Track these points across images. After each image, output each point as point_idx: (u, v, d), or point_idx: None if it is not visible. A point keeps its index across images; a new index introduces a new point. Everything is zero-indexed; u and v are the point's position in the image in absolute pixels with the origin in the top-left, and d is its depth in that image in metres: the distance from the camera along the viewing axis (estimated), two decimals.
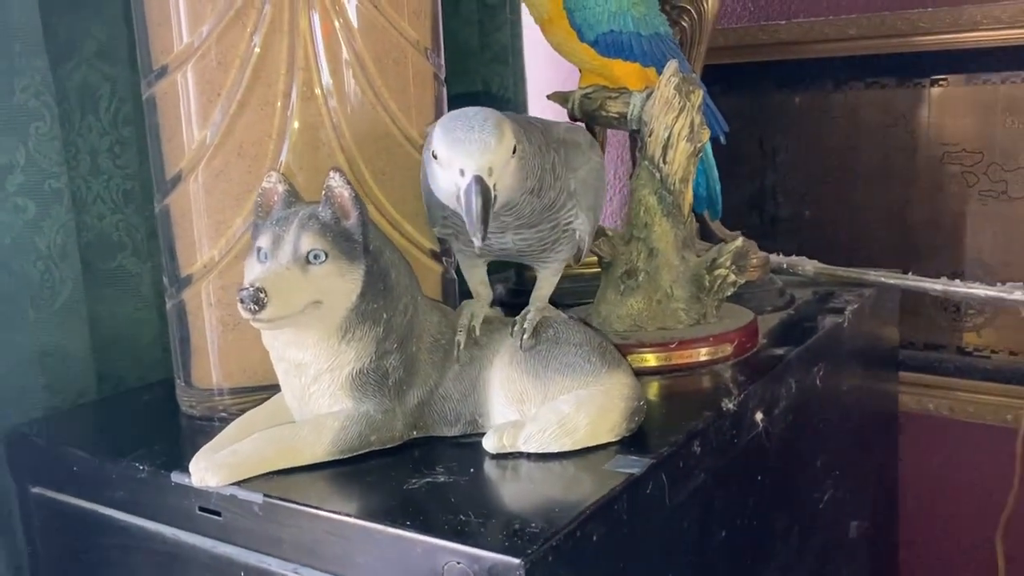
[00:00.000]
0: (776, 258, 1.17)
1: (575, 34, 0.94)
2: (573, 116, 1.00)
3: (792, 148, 1.32)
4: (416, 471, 0.66)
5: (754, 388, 0.79)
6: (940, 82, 1.20)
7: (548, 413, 0.67)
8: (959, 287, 1.10)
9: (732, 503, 0.78)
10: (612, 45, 0.94)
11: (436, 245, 0.83)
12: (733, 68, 1.32)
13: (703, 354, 0.85)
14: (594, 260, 0.89)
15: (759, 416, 0.79)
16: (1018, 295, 1.08)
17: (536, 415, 0.68)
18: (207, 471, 0.65)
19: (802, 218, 1.33)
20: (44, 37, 0.84)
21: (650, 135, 0.86)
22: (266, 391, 0.75)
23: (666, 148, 0.85)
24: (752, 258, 0.93)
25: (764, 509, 0.84)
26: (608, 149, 1.28)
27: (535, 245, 0.74)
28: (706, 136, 0.86)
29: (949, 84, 1.20)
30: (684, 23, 1.05)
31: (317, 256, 0.65)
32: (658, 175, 0.86)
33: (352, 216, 0.67)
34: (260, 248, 0.66)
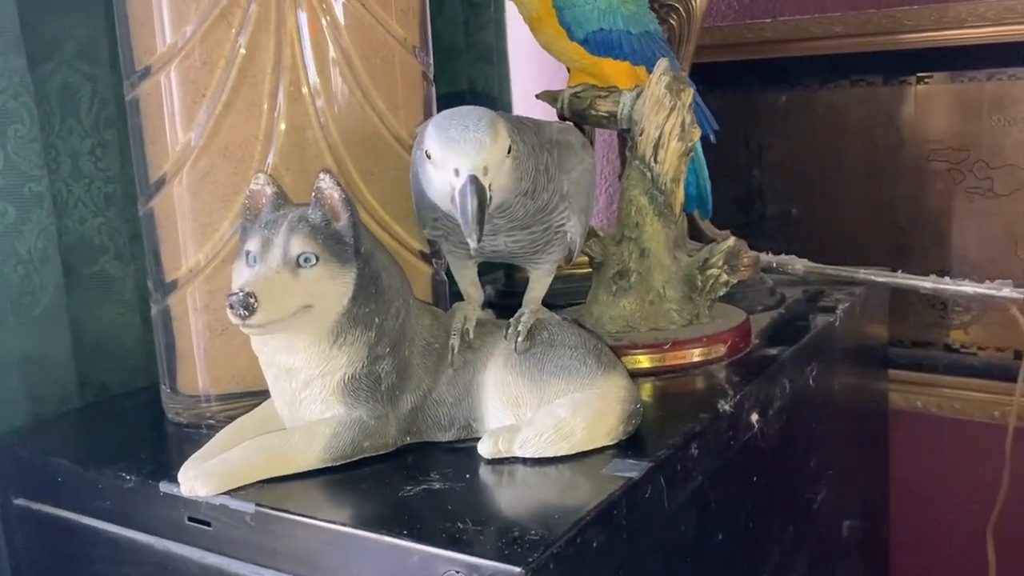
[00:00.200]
0: (766, 257, 1.16)
1: (564, 32, 0.93)
2: (562, 115, 0.99)
3: (778, 146, 1.32)
4: (411, 478, 0.64)
5: (749, 389, 0.79)
6: (926, 79, 1.20)
7: (544, 417, 0.66)
8: (948, 284, 1.10)
9: (729, 505, 0.78)
10: (602, 43, 0.93)
11: (426, 247, 0.82)
12: (718, 66, 1.31)
13: (697, 355, 0.84)
14: (584, 260, 0.88)
15: (755, 417, 0.79)
16: (1006, 292, 1.08)
17: (532, 419, 0.67)
18: (196, 480, 0.64)
19: (789, 216, 1.33)
20: (23, 37, 0.82)
21: (641, 134, 0.85)
22: (255, 397, 0.74)
23: (657, 147, 0.84)
24: (743, 257, 0.92)
25: (760, 511, 0.84)
26: (594, 148, 1.27)
27: (527, 247, 0.73)
28: (697, 135, 0.85)
29: (935, 81, 1.20)
30: (672, 21, 1.04)
31: (308, 259, 0.64)
32: (649, 175, 0.85)
33: (343, 218, 0.66)
34: (249, 252, 0.65)
